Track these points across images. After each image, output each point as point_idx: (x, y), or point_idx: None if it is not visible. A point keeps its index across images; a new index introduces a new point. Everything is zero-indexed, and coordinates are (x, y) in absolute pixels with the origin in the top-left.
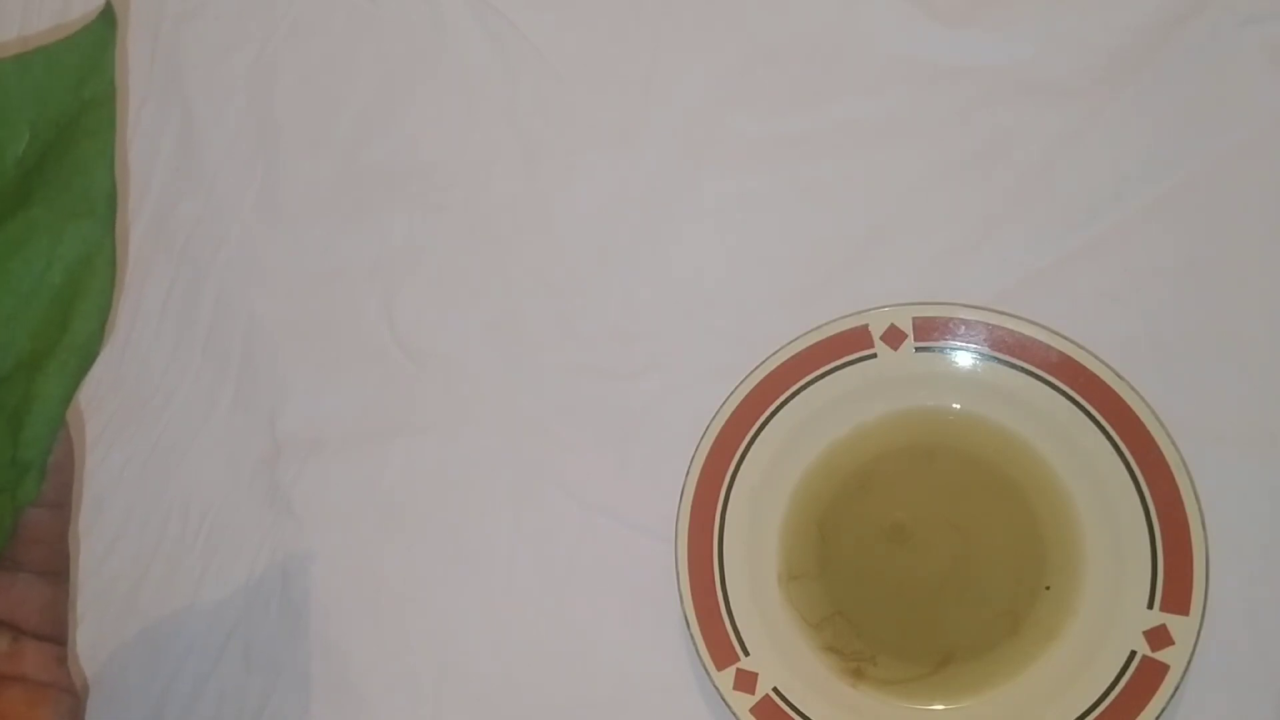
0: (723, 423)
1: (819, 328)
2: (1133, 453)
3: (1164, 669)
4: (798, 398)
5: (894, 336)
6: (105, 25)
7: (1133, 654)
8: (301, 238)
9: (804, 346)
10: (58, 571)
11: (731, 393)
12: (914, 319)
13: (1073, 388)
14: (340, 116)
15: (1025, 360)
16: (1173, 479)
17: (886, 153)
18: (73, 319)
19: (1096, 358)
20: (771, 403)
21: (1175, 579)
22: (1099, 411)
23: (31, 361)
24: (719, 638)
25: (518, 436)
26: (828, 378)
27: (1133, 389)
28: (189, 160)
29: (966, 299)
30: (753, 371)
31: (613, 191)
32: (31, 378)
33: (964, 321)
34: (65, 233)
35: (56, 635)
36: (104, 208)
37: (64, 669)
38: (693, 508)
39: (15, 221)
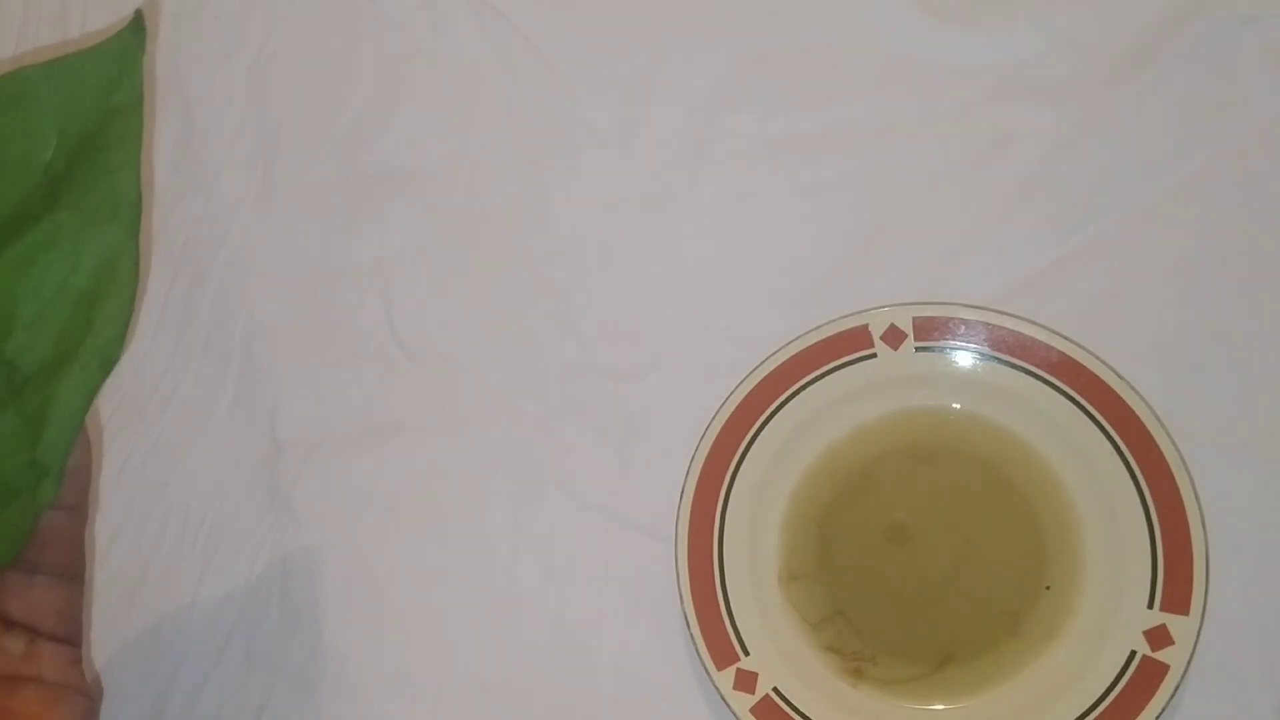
0: (723, 423)
1: (819, 328)
2: (1133, 453)
3: (1164, 669)
4: (798, 398)
5: (894, 336)
6: (135, 34)
7: (1133, 654)
8: (301, 238)
9: (804, 346)
10: (74, 574)
11: (731, 393)
12: (914, 319)
13: (1073, 388)
14: (340, 116)
15: (1025, 360)
16: (1173, 479)
17: (886, 153)
18: (95, 323)
19: (1096, 358)
20: (771, 403)
21: (1175, 579)
22: (1099, 411)
23: (54, 364)
24: (719, 638)
25: (518, 436)
26: (828, 378)
27: (1133, 389)
28: (189, 160)
29: (966, 299)
30: (753, 371)
31: (613, 191)
32: (53, 381)
33: (964, 321)
34: (90, 238)
35: (72, 637)
36: (129, 214)
37: (79, 670)
38: (693, 507)
39: (41, 226)
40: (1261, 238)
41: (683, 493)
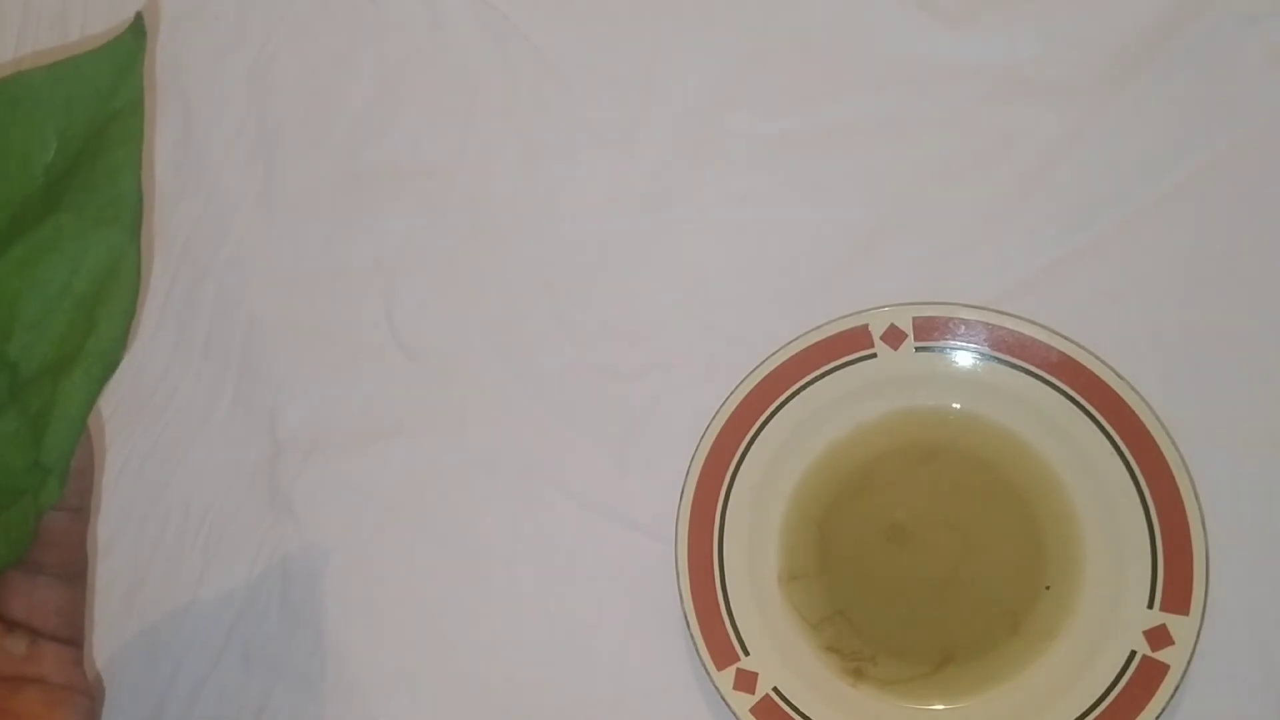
0: (723, 423)
1: (819, 328)
2: (1133, 453)
3: (1164, 669)
4: (798, 398)
5: (894, 336)
6: (136, 37)
7: (1133, 654)
8: (301, 237)
9: (804, 346)
10: (76, 574)
11: (731, 393)
12: (914, 319)
13: (1073, 388)
14: (340, 116)
15: (1025, 360)
16: (1173, 479)
17: (886, 153)
18: (97, 324)
19: (1096, 358)
20: (771, 403)
21: (1175, 579)
22: (1099, 411)
23: (56, 366)
24: (719, 638)
25: (518, 436)
26: (828, 378)
27: (1133, 389)
28: (189, 160)
29: (966, 299)
30: (753, 371)
31: (613, 191)
32: (56, 382)
33: (964, 321)
34: (91, 240)
35: (74, 637)
36: (130, 216)
37: (80, 671)
38: (693, 508)
39: (43, 228)
40: (1261, 238)
41: (683, 493)
